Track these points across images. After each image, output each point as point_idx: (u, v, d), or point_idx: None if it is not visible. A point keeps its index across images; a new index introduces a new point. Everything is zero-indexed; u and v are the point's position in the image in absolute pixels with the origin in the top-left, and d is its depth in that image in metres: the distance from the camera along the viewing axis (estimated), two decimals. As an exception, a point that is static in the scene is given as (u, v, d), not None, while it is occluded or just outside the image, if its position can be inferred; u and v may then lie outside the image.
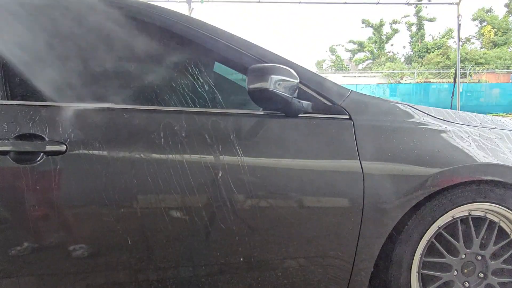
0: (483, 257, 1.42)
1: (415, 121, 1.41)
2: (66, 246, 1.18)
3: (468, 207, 1.38)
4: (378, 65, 32.26)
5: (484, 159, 1.36)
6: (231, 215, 1.22)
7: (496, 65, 26.67)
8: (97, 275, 1.22)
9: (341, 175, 1.26)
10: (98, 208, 1.18)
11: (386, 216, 1.27)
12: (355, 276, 1.32)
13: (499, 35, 29.00)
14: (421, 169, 1.30)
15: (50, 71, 1.36)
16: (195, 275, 1.26)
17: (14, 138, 1.15)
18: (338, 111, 1.34)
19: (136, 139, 1.22)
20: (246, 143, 1.26)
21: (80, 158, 1.18)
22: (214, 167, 1.21)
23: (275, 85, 1.19)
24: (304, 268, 1.29)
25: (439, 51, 29.53)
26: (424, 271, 1.38)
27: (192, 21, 1.39)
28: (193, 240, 1.23)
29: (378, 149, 1.30)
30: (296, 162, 1.25)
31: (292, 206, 1.24)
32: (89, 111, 1.23)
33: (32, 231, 1.16)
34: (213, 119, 1.29)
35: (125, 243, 1.21)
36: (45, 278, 1.19)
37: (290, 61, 1.38)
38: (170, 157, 1.21)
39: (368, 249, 1.30)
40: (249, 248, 1.25)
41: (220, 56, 1.36)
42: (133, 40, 1.44)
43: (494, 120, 1.61)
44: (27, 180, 1.15)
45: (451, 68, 25.09)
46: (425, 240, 1.36)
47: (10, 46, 1.28)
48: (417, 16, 31.27)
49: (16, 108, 1.20)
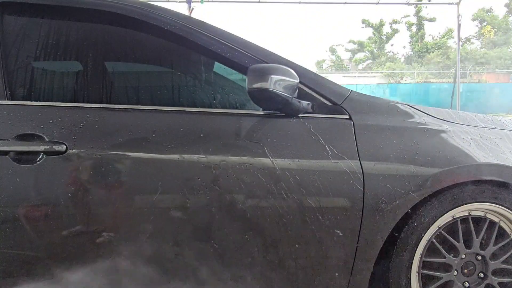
0: (483, 257, 1.42)
1: (415, 121, 1.41)
2: (66, 246, 1.18)
3: (468, 207, 1.38)
4: (378, 65, 32.25)
5: (484, 159, 1.36)
6: (230, 215, 1.22)
7: (496, 65, 26.67)
8: (97, 275, 1.22)
9: (341, 175, 1.25)
10: (98, 208, 1.18)
11: (386, 216, 1.27)
12: (355, 276, 1.32)
13: (499, 35, 28.99)
14: (421, 169, 1.29)
15: (50, 71, 1.37)
16: (195, 276, 1.26)
17: (14, 138, 1.15)
18: (338, 111, 1.34)
19: (136, 139, 1.22)
20: (246, 143, 1.26)
21: (80, 158, 1.18)
22: (214, 167, 1.21)
23: (275, 85, 1.19)
24: (304, 268, 1.29)
25: (439, 51, 29.52)
26: (424, 271, 1.38)
27: (192, 21, 1.39)
28: (193, 240, 1.23)
29: (378, 149, 1.30)
30: (296, 162, 1.25)
31: (292, 206, 1.24)
32: (89, 111, 1.23)
33: (32, 231, 1.16)
34: (213, 119, 1.29)
35: (125, 243, 1.21)
36: (45, 278, 1.19)
37: (290, 61, 1.38)
38: (170, 157, 1.21)
39: (368, 249, 1.30)
40: (250, 248, 1.25)
41: (220, 56, 1.36)
42: (132, 40, 1.44)
43: (494, 120, 1.61)
44: (27, 180, 1.15)
45: (451, 68, 25.08)
46: (425, 240, 1.36)
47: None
48: (417, 16, 31.24)
49: (16, 108, 1.20)
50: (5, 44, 1.28)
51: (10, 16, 1.32)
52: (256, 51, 1.37)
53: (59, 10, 1.35)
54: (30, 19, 1.35)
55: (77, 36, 1.37)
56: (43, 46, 1.32)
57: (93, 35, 1.38)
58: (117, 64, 1.47)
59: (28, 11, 1.35)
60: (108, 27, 1.39)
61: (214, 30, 1.38)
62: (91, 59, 1.36)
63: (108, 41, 1.40)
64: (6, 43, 1.28)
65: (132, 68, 1.54)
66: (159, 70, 1.53)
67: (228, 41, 1.36)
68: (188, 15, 1.51)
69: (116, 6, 1.34)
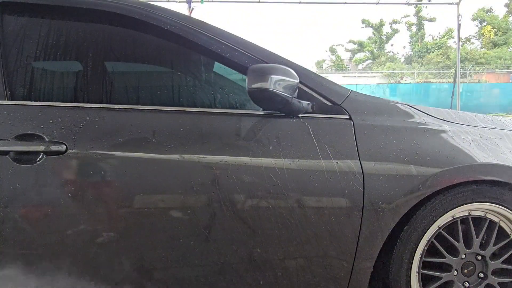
0: (483, 257, 1.42)
1: (415, 121, 1.41)
2: (65, 246, 1.18)
3: (468, 207, 1.38)
4: (378, 65, 32.25)
5: (484, 159, 1.36)
6: (230, 215, 1.22)
7: (496, 65, 26.66)
8: (97, 275, 1.22)
9: (341, 175, 1.26)
10: (98, 208, 1.18)
11: (386, 216, 1.27)
12: (355, 276, 1.32)
13: (499, 35, 28.98)
14: (421, 169, 1.29)
15: (50, 71, 1.37)
16: (195, 276, 1.26)
17: (14, 138, 1.16)
18: (338, 111, 1.34)
19: (136, 139, 1.22)
20: (246, 143, 1.26)
21: (80, 158, 1.18)
22: (214, 167, 1.21)
23: (275, 85, 1.19)
24: (304, 268, 1.29)
25: (439, 51, 29.52)
26: (424, 271, 1.38)
27: (192, 21, 1.39)
28: (193, 240, 1.23)
29: (378, 149, 1.30)
30: (296, 162, 1.25)
31: (292, 206, 1.24)
32: (89, 111, 1.23)
33: (32, 231, 1.16)
34: (213, 119, 1.29)
35: (125, 243, 1.21)
36: (45, 278, 1.19)
37: (290, 61, 1.38)
38: (170, 157, 1.21)
39: (368, 249, 1.30)
40: (249, 248, 1.25)
41: (220, 56, 1.36)
42: (132, 40, 1.44)
43: (494, 120, 1.61)
44: (27, 180, 1.15)
45: (451, 68, 25.08)
46: (425, 240, 1.36)
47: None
48: (417, 16, 31.27)
49: (16, 108, 1.20)
50: (5, 44, 1.28)
51: (10, 16, 1.32)
52: (256, 51, 1.37)
53: (59, 10, 1.35)
54: (30, 19, 1.35)
55: (77, 36, 1.37)
56: (43, 46, 1.32)
57: (93, 35, 1.38)
58: (117, 64, 1.47)
59: (28, 11, 1.35)
60: (108, 27, 1.39)
61: (214, 30, 1.38)
62: (91, 59, 1.36)
63: (108, 41, 1.40)
64: (6, 43, 1.28)
65: (132, 68, 1.54)
66: (159, 70, 1.53)
67: (228, 41, 1.36)
68: (188, 15, 1.51)
69: (116, 6, 1.34)
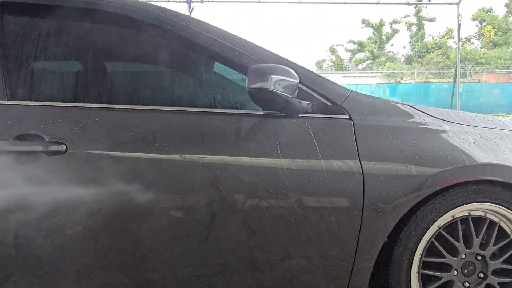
0: (483, 257, 1.42)
1: (415, 121, 1.41)
2: (65, 246, 1.18)
3: (468, 207, 1.38)
4: (378, 65, 32.25)
5: (484, 159, 1.36)
6: (230, 215, 1.22)
7: (496, 65, 26.66)
8: (97, 275, 1.22)
9: (341, 175, 1.25)
10: (98, 208, 1.18)
11: (386, 216, 1.27)
12: (355, 276, 1.32)
13: (499, 35, 28.98)
14: (421, 169, 1.29)
15: (50, 71, 1.37)
16: (195, 276, 1.26)
17: (14, 138, 1.16)
18: (338, 111, 1.34)
19: (136, 139, 1.22)
20: (246, 143, 1.26)
21: (80, 158, 1.18)
22: (214, 167, 1.21)
23: (275, 85, 1.19)
24: (304, 268, 1.29)
25: (439, 51, 29.52)
26: (424, 271, 1.39)
27: (192, 21, 1.39)
28: (193, 240, 1.23)
29: (378, 149, 1.30)
30: (296, 162, 1.25)
31: (292, 206, 1.24)
32: (89, 111, 1.23)
33: (32, 231, 1.16)
34: (213, 119, 1.29)
35: (125, 243, 1.21)
36: (45, 278, 1.19)
37: (290, 61, 1.38)
38: (170, 157, 1.21)
39: (368, 249, 1.30)
40: (249, 248, 1.25)
41: (220, 56, 1.36)
42: (132, 40, 1.44)
43: (494, 120, 1.61)
44: (27, 180, 1.15)
45: (451, 68, 25.08)
46: (425, 240, 1.36)
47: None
48: (417, 16, 31.26)
49: (16, 108, 1.20)
50: (5, 44, 1.28)
51: (10, 16, 1.32)
52: (256, 51, 1.37)
53: (59, 10, 1.35)
54: (30, 19, 1.35)
55: (77, 36, 1.37)
56: (43, 46, 1.32)
57: (93, 35, 1.38)
58: (117, 64, 1.47)
59: (28, 11, 1.35)
60: (108, 27, 1.39)
61: (214, 30, 1.38)
62: (91, 59, 1.36)
63: (108, 41, 1.40)
64: (6, 43, 1.28)
65: (132, 68, 1.54)
66: (159, 70, 1.53)
67: (228, 41, 1.36)
68: (188, 15, 1.51)
69: (116, 6, 1.34)
